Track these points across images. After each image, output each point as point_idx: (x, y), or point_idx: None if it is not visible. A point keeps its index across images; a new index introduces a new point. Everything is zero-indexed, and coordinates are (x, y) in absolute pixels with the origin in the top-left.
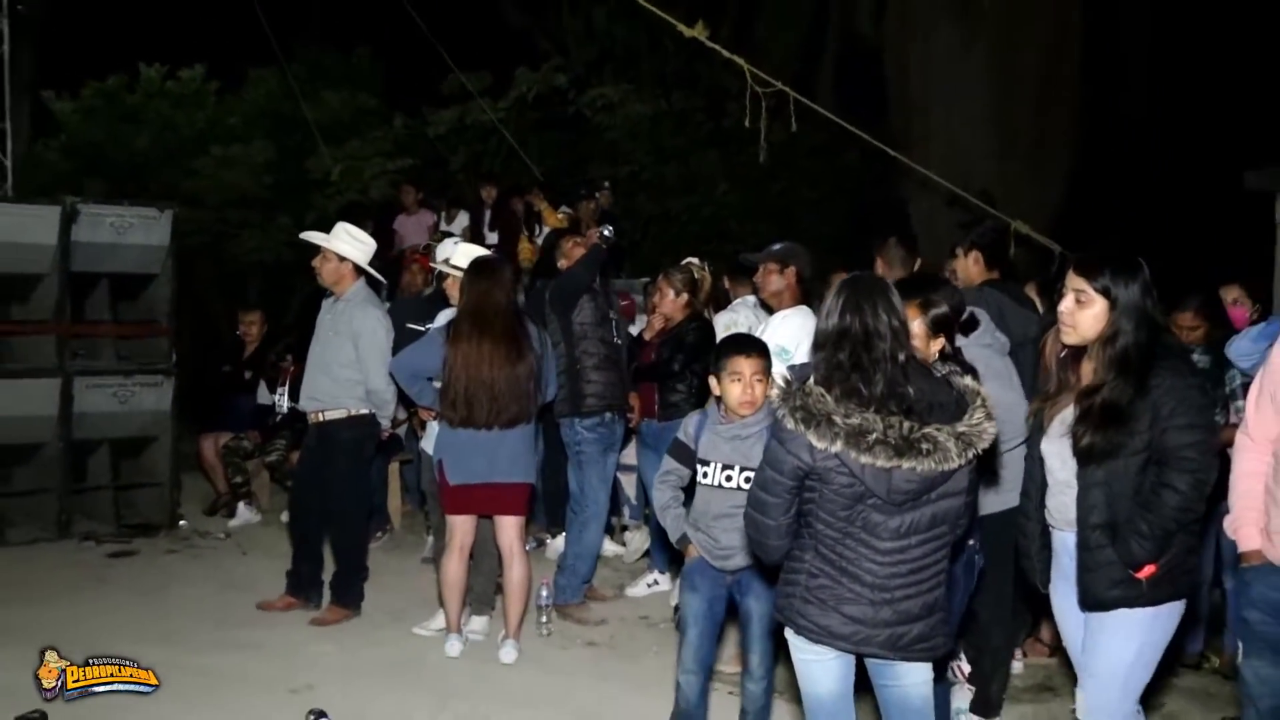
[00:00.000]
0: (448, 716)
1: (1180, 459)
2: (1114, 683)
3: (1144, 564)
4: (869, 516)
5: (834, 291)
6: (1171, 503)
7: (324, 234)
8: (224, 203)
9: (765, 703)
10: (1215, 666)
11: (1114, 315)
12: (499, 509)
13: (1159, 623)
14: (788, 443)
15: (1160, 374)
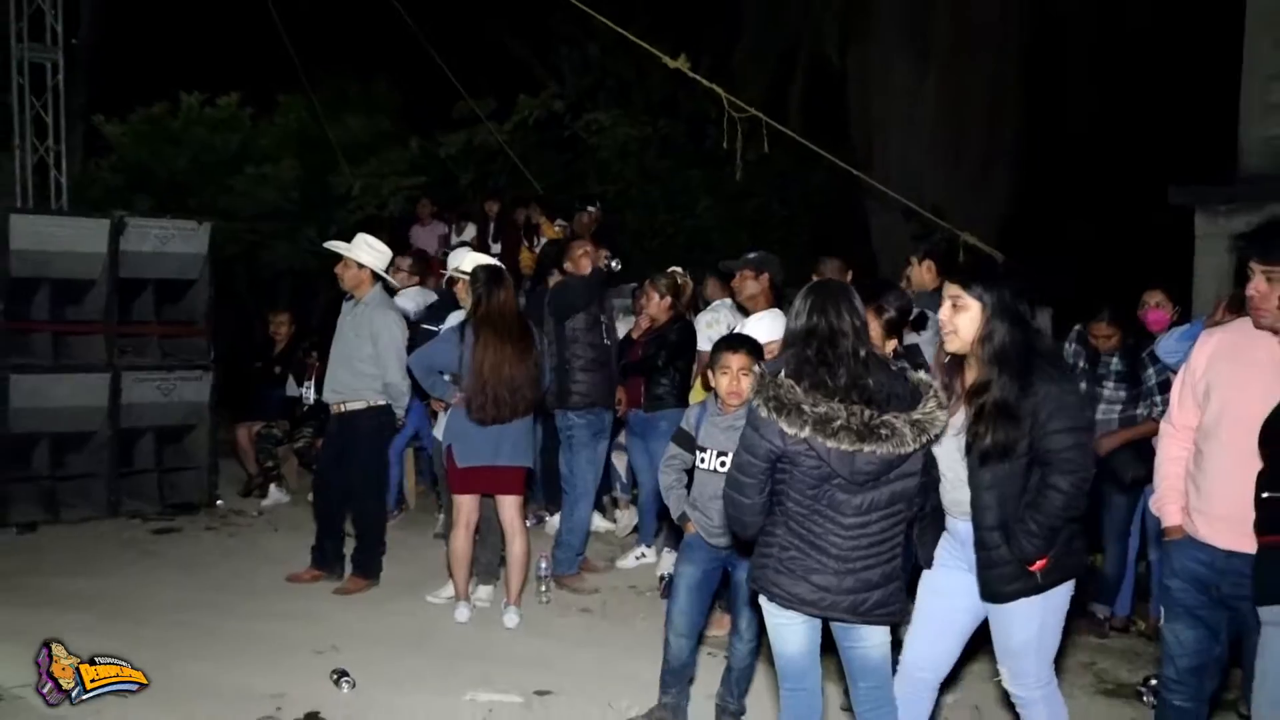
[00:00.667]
0: (457, 675)
1: (1062, 461)
2: (1028, 656)
3: (1036, 559)
4: (834, 495)
5: (801, 295)
6: (1057, 502)
7: (345, 244)
8: (256, 216)
9: (750, 662)
10: (1141, 629)
11: (987, 317)
12: (501, 489)
13: (1054, 603)
14: (762, 429)
15: (1038, 380)
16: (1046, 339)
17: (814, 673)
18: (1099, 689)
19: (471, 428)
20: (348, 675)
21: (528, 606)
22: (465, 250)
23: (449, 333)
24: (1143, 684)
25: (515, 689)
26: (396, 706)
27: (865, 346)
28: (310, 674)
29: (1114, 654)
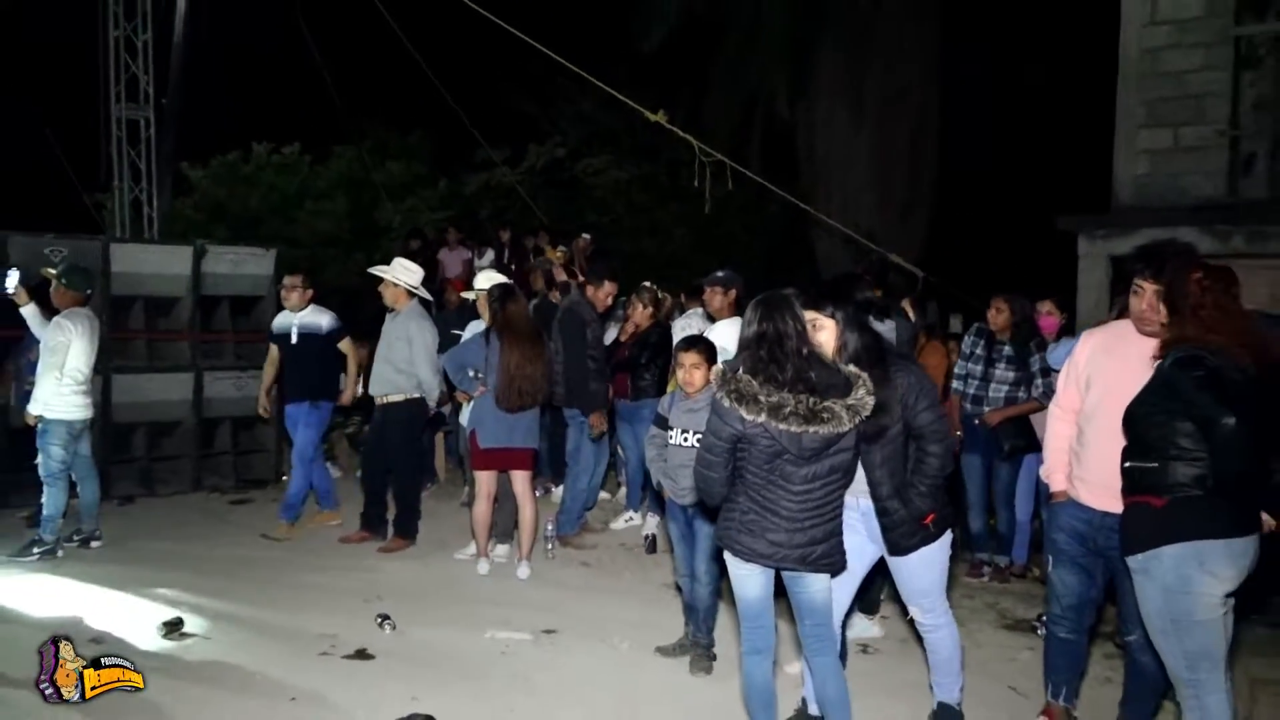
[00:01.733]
0: (478, 618)
1: (931, 432)
2: (933, 593)
3: (927, 514)
4: (784, 468)
5: (751, 307)
6: (934, 465)
7: (386, 267)
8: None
9: (711, 603)
10: (1036, 575)
11: (840, 330)
12: (514, 466)
13: (943, 546)
14: (725, 416)
15: (899, 373)
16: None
17: (768, 612)
18: (1001, 624)
19: (490, 415)
20: (390, 618)
21: (537, 561)
22: (485, 272)
23: (476, 338)
24: (1036, 620)
25: (527, 628)
26: (429, 643)
27: (807, 345)
28: (359, 618)
29: (1013, 596)
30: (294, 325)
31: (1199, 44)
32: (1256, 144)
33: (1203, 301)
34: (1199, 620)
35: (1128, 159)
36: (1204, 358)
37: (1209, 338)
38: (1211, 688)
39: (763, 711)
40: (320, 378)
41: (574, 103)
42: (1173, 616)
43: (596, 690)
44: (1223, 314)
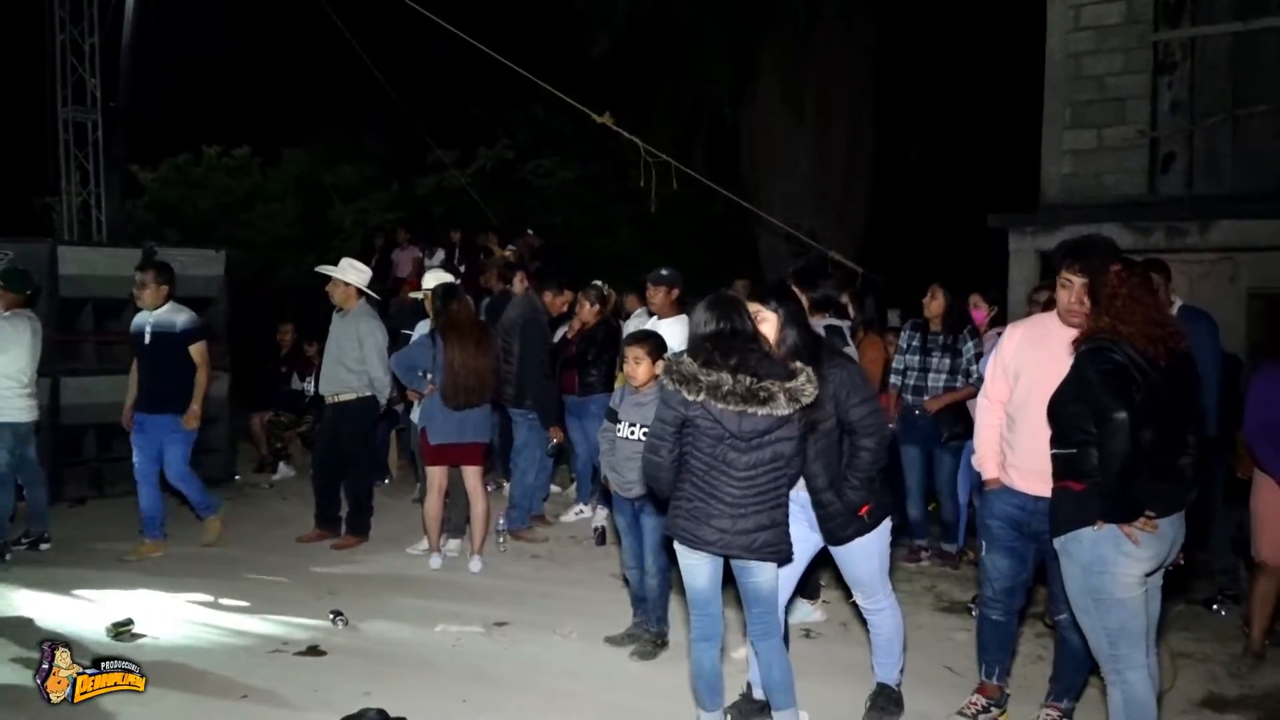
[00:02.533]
0: (431, 612)
1: (864, 426)
2: (874, 580)
3: (861, 505)
4: (727, 454)
5: (705, 306)
6: (867, 459)
7: (334, 267)
8: (268, 245)
9: (661, 592)
10: (971, 560)
11: (781, 324)
12: (465, 461)
13: (881, 534)
14: (669, 399)
15: (832, 370)
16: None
17: (716, 601)
18: (938, 607)
19: (441, 412)
20: (342, 614)
21: (489, 555)
22: (433, 271)
23: (423, 338)
24: (971, 602)
25: (478, 621)
26: (382, 638)
27: (754, 343)
28: (312, 614)
29: (951, 579)
30: (148, 325)
31: (1119, 49)
32: (1174, 144)
33: (1118, 293)
34: (1118, 599)
35: (1054, 159)
36: (1112, 350)
37: (1120, 329)
38: (1132, 663)
39: (710, 697)
40: (179, 384)
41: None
42: (1093, 595)
43: (547, 679)
44: (1136, 305)
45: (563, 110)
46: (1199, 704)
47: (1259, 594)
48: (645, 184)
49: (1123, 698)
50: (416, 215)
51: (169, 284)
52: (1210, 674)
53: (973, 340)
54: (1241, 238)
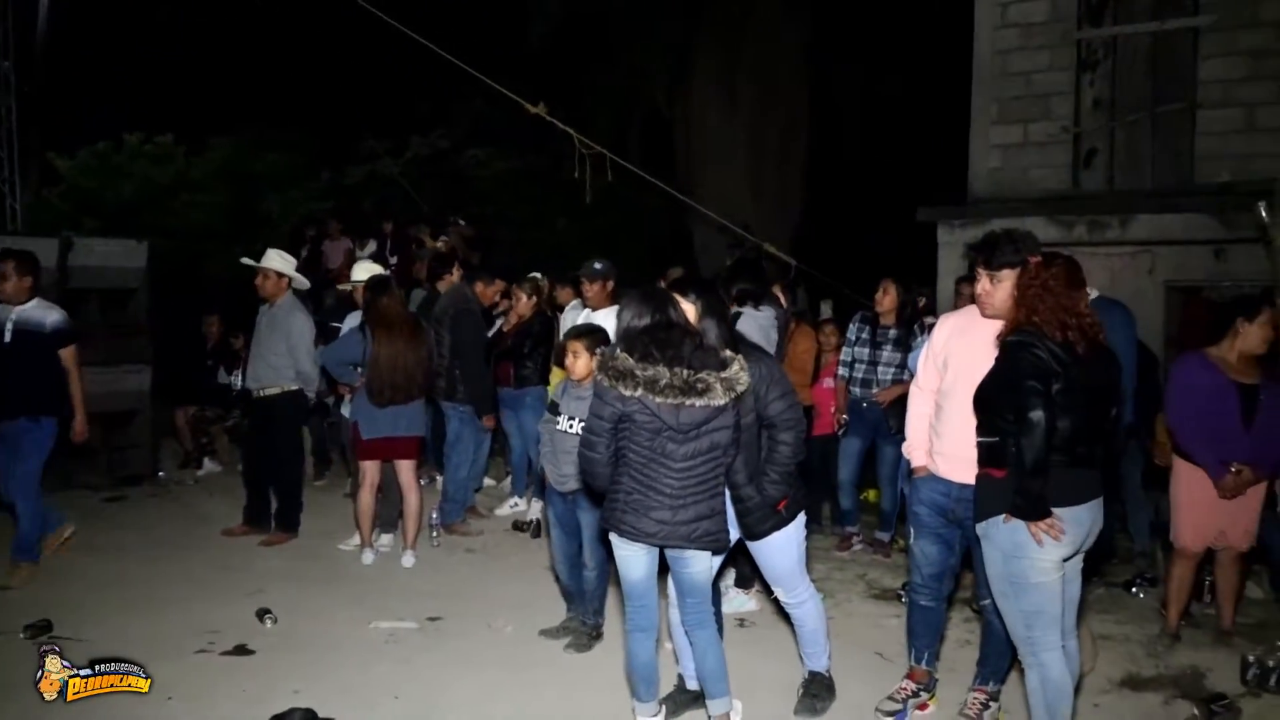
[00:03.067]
0: (363, 608)
1: (783, 421)
2: (792, 574)
3: (780, 500)
4: (665, 445)
5: (637, 299)
6: (786, 453)
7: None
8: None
9: (599, 585)
10: (901, 547)
11: (700, 315)
12: (398, 455)
13: (797, 528)
14: (605, 395)
15: (751, 364)
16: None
17: (652, 592)
18: (869, 594)
19: (375, 407)
20: (271, 612)
21: (422, 549)
22: (363, 263)
23: (353, 331)
24: (901, 589)
25: (412, 616)
26: (312, 635)
27: (688, 335)
28: (240, 612)
29: (881, 567)
30: (8, 321)
31: (1044, 46)
32: (1096, 140)
33: (1032, 285)
34: (1034, 583)
35: (981, 153)
36: (1032, 344)
37: (1033, 320)
38: (1047, 645)
39: (645, 687)
40: (39, 387)
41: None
42: (1011, 579)
43: (482, 673)
44: (1048, 296)
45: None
46: (1118, 684)
47: (1177, 577)
48: (580, 176)
49: (1039, 679)
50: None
51: (33, 276)
52: (1129, 654)
53: (924, 335)
54: (1159, 232)
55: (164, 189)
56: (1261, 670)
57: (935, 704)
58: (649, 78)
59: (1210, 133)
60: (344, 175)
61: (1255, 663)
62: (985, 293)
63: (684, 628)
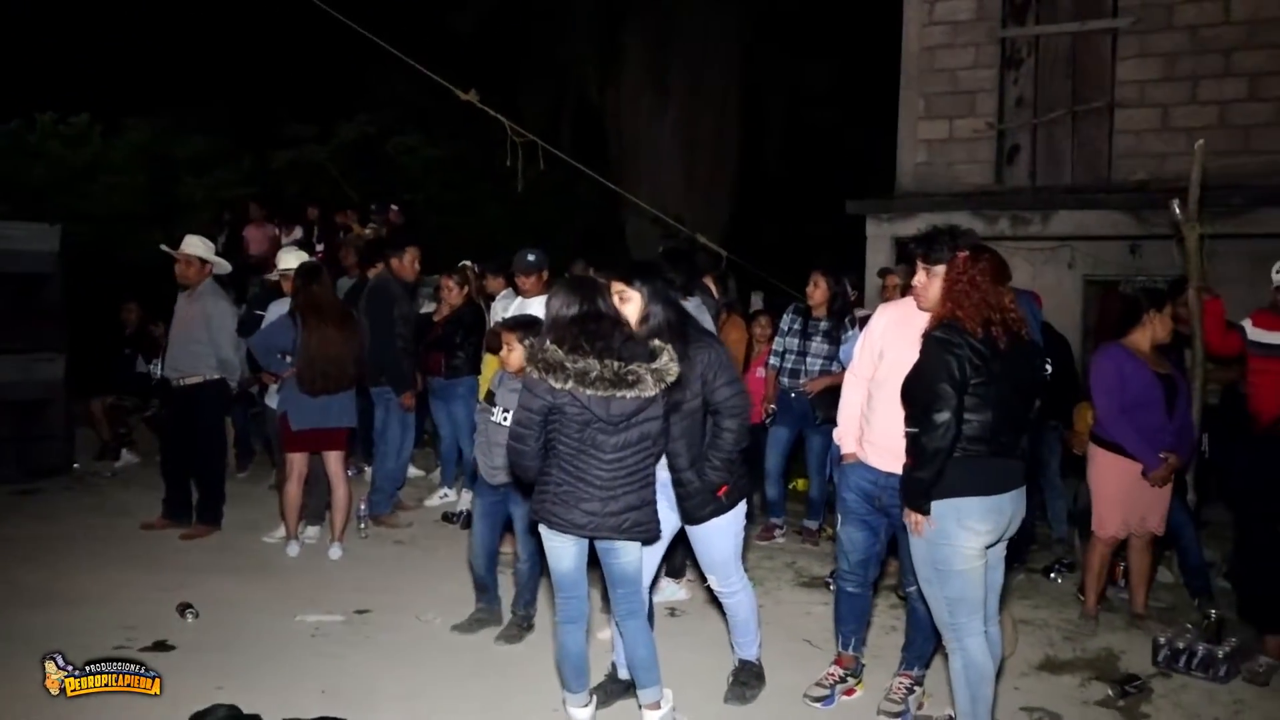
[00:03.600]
0: (288, 601)
1: (729, 408)
2: (727, 563)
3: (720, 486)
4: (595, 436)
5: (565, 288)
6: (729, 440)
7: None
8: (110, 219)
9: (530, 576)
10: (829, 535)
11: (645, 303)
12: (328, 446)
13: (736, 516)
14: (535, 388)
15: (700, 350)
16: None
17: (582, 583)
18: (798, 582)
19: (304, 397)
20: (192, 607)
21: (350, 541)
22: (289, 250)
23: (283, 319)
24: (829, 576)
25: (339, 609)
26: (236, 630)
27: (617, 325)
28: (159, 607)
29: (810, 555)
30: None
31: (970, 44)
32: (1019, 137)
33: (959, 279)
34: (958, 569)
35: (909, 148)
36: (952, 340)
37: (957, 313)
38: (970, 631)
39: (575, 678)
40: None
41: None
42: (935, 566)
43: (411, 666)
44: (973, 291)
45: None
46: (1037, 667)
47: (1095, 563)
48: (512, 164)
49: (962, 664)
50: (271, 190)
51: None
52: (1048, 639)
53: (854, 329)
54: (1078, 228)
55: (79, 171)
56: (1171, 651)
57: (862, 689)
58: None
59: (1127, 132)
60: (268, 159)
61: (1166, 644)
62: (921, 285)
63: (615, 618)
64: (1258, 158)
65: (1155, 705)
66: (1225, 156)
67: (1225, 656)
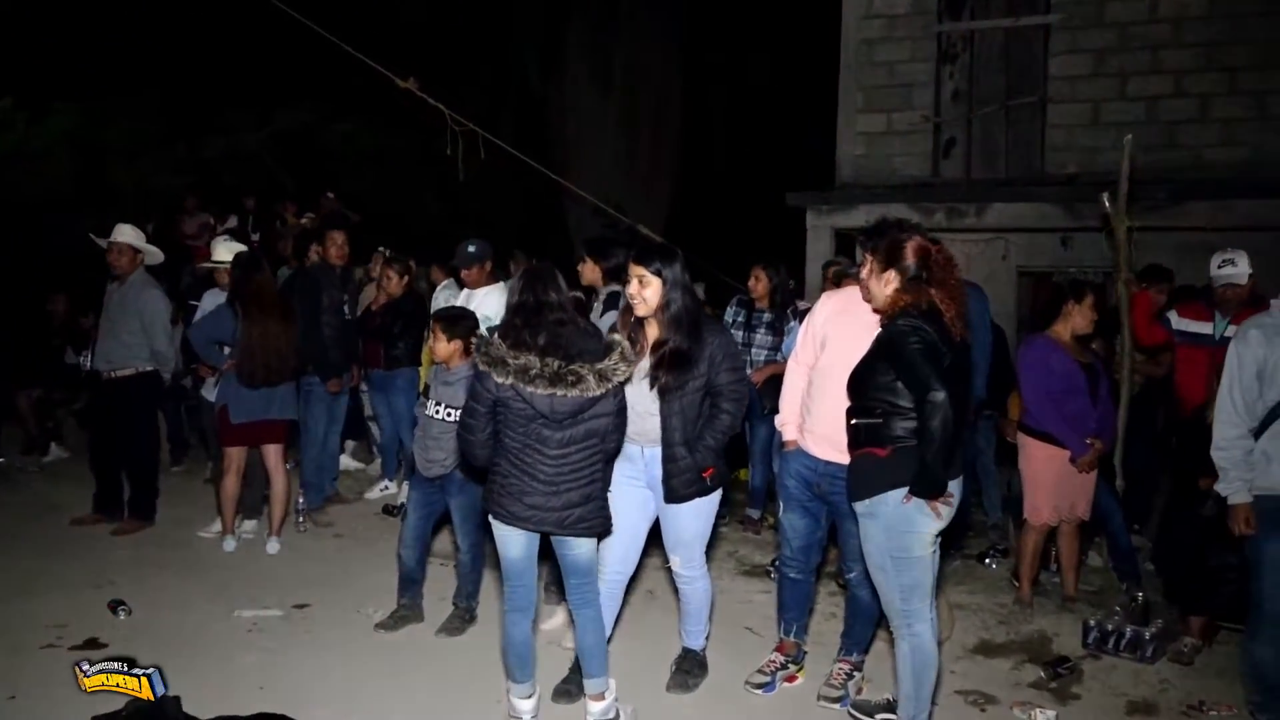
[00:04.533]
0: (224, 597)
1: (730, 391)
2: (695, 544)
3: (708, 467)
4: (540, 431)
5: (518, 277)
6: (726, 422)
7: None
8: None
9: (472, 569)
10: (771, 524)
11: (666, 289)
12: (267, 440)
13: (711, 501)
14: (482, 380)
15: (711, 334)
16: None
17: (530, 572)
18: (739, 571)
19: (245, 389)
20: (125, 604)
21: (288, 535)
22: (223, 240)
23: (223, 309)
24: (770, 565)
25: (277, 605)
26: (170, 626)
27: (564, 315)
28: (90, 605)
29: (751, 543)
30: None
31: (907, 38)
32: (955, 130)
33: (949, 273)
34: (915, 556)
35: (848, 140)
36: (922, 328)
37: (940, 305)
38: (921, 617)
39: (520, 667)
40: None
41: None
42: (892, 554)
43: (351, 661)
44: (960, 287)
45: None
46: (972, 650)
47: (1029, 549)
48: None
49: (910, 649)
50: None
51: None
52: (982, 623)
53: (796, 320)
54: (1011, 220)
55: (2, 157)
56: (1101, 634)
57: (803, 675)
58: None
59: (1059, 126)
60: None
61: (1095, 627)
62: (867, 277)
63: (569, 605)
64: (1183, 153)
65: (1086, 686)
66: (1152, 151)
67: (1151, 638)
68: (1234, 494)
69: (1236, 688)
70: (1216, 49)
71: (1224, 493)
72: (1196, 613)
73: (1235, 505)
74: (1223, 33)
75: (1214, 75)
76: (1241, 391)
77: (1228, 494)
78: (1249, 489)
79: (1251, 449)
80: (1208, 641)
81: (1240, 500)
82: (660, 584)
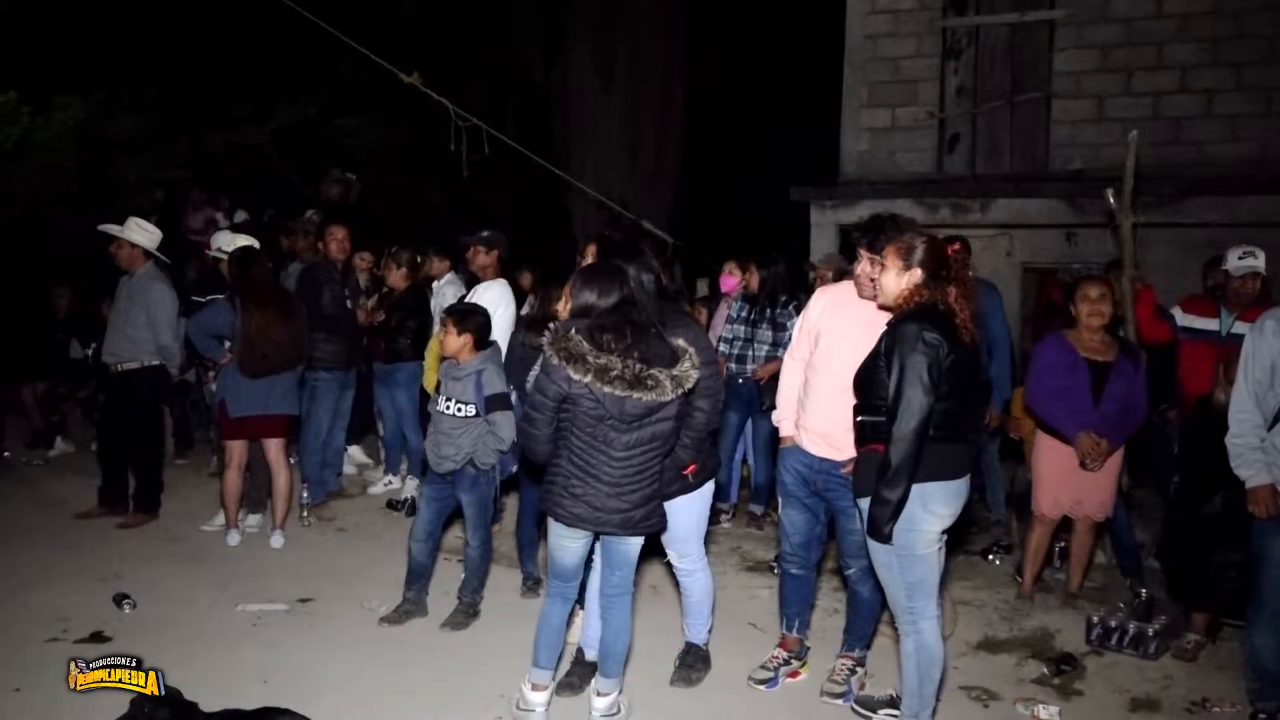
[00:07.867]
0: (229, 591)
1: (704, 388)
2: (690, 539)
3: (689, 464)
4: (607, 433)
5: (598, 276)
6: (701, 419)
7: (118, 227)
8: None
9: (480, 565)
10: (774, 520)
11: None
12: (268, 433)
13: (702, 495)
14: (552, 374)
15: (678, 330)
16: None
17: (579, 575)
18: (743, 566)
19: (244, 383)
20: (129, 597)
21: (292, 529)
22: (225, 233)
23: (223, 302)
24: (773, 561)
25: (281, 598)
26: (174, 620)
27: (647, 322)
28: (95, 598)
29: (755, 540)
30: None
31: (912, 33)
32: (959, 126)
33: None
34: (919, 554)
35: (852, 136)
36: (925, 329)
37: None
38: (926, 614)
39: (548, 651)
40: None
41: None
42: (897, 551)
43: (354, 655)
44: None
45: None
46: (975, 646)
47: (1033, 545)
48: (456, 148)
49: (915, 645)
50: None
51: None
52: (985, 619)
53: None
54: (1016, 216)
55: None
56: (1104, 630)
57: (806, 671)
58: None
59: (1063, 121)
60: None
61: (1098, 623)
62: (865, 274)
63: (602, 596)
64: (1187, 148)
65: (1089, 682)
66: (1157, 147)
67: (1155, 634)
68: (1253, 476)
69: (1240, 684)
70: (1222, 44)
71: (1243, 476)
72: (1200, 609)
73: (1256, 488)
74: (1228, 28)
75: (1219, 71)
76: (1254, 383)
77: (1246, 477)
78: (1268, 471)
79: (1264, 436)
80: (1211, 638)
81: (1260, 482)
82: (664, 579)
